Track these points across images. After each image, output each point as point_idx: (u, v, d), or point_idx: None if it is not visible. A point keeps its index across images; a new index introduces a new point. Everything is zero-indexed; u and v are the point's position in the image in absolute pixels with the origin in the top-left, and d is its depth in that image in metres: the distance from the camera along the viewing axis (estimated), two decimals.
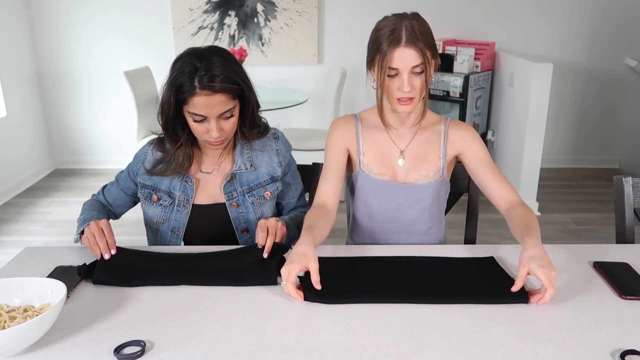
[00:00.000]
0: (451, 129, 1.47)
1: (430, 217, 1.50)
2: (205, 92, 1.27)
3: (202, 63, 1.28)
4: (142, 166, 1.48)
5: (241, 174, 1.45)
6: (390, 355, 0.94)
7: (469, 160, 1.46)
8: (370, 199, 1.49)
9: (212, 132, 1.32)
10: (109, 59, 4.24)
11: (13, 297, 1.04)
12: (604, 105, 4.37)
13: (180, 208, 1.44)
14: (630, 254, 1.32)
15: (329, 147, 1.51)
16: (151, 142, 1.50)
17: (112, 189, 1.54)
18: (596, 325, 1.02)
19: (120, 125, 4.37)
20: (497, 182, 1.41)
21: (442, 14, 4.15)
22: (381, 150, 1.47)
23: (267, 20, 4.18)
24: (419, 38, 1.30)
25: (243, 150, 1.46)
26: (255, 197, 1.46)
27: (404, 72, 1.31)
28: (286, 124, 4.19)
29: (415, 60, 1.30)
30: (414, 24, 1.31)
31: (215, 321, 1.04)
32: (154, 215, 1.47)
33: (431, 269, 1.24)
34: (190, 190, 1.44)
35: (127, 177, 1.52)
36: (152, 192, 1.46)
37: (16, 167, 3.99)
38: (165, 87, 1.33)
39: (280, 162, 1.49)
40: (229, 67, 1.30)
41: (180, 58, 1.32)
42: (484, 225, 3.11)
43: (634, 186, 1.52)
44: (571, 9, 4.13)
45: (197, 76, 1.27)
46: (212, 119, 1.31)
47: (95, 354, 0.94)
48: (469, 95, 3.81)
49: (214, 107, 1.29)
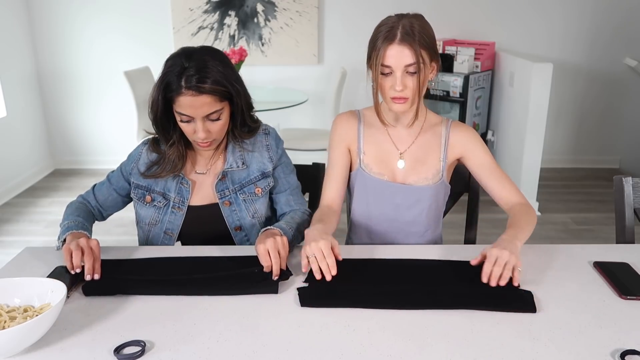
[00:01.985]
0: (452, 131, 1.46)
1: (428, 219, 1.50)
2: (190, 92, 1.26)
3: (191, 63, 1.27)
4: (135, 166, 1.46)
5: (232, 172, 1.44)
6: (391, 355, 0.93)
7: (471, 164, 1.46)
8: (369, 198, 1.49)
9: (198, 133, 1.31)
10: (109, 59, 4.24)
11: (13, 297, 1.04)
12: (604, 105, 4.37)
13: (175, 210, 1.43)
14: (630, 254, 1.32)
15: (332, 147, 1.51)
16: (145, 142, 1.48)
17: (103, 189, 1.50)
18: (596, 325, 1.02)
19: (121, 125, 4.37)
20: (500, 185, 1.42)
21: (442, 14, 4.14)
22: (381, 150, 1.47)
23: (267, 20, 4.18)
24: (414, 38, 1.28)
25: (235, 150, 1.45)
26: (247, 194, 1.45)
27: (397, 70, 1.30)
28: (286, 124, 4.19)
29: (408, 59, 1.29)
30: (413, 22, 1.30)
31: (215, 321, 1.04)
32: (146, 216, 1.45)
33: (432, 274, 1.22)
34: (186, 192, 1.43)
35: (120, 177, 1.49)
36: (146, 192, 1.44)
37: (16, 167, 3.99)
38: (155, 85, 1.32)
39: (270, 157, 1.47)
40: (218, 69, 1.28)
41: (171, 57, 1.32)
42: (484, 225, 3.11)
43: (634, 186, 1.52)
44: (571, 9, 4.13)
45: (185, 76, 1.26)
46: (198, 120, 1.30)
47: (95, 354, 0.94)
48: (469, 95, 3.81)
49: (199, 108, 1.28)
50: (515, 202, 1.40)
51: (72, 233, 1.29)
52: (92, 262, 1.19)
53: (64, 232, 1.31)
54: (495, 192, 1.43)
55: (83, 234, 1.30)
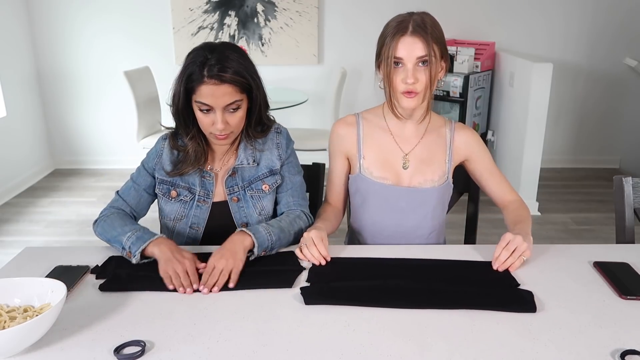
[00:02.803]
0: (456, 133, 1.46)
1: (433, 222, 1.49)
2: (212, 81, 1.28)
3: (213, 55, 1.30)
4: (159, 161, 1.45)
5: (243, 168, 1.45)
6: (391, 355, 0.93)
7: (474, 167, 1.49)
8: (371, 202, 1.48)
9: (217, 124, 1.32)
10: (109, 59, 4.24)
11: (13, 297, 1.04)
12: (604, 105, 4.37)
13: (200, 203, 1.44)
14: (630, 254, 1.32)
15: (331, 154, 1.53)
16: (165, 137, 1.48)
17: (131, 193, 1.46)
18: (596, 325, 1.02)
19: (120, 125, 4.37)
20: (497, 185, 1.50)
21: (442, 14, 4.10)
22: (384, 153, 1.46)
23: (267, 20, 4.18)
24: (427, 30, 1.29)
25: (247, 148, 1.46)
26: (254, 190, 1.45)
27: (409, 63, 1.30)
28: (286, 124, 4.12)
29: (420, 51, 1.29)
30: (424, 18, 1.32)
31: (215, 321, 1.04)
32: (172, 211, 1.45)
33: (434, 273, 1.22)
34: (210, 184, 1.44)
35: (145, 175, 1.47)
36: (171, 187, 1.45)
37: (16, 167, 3.98)
38: (177, 78, 1.34)
39: (279, 155, 1.48)
40: (239, 61, 1.32)
41: (193, 50, 1.34)
42: (484, 225, 3.11)
43: (634, 186, 1.52)
44: (571, 9, 4.13)
45: (207, 66, 1.28)
46: (218, 110, 1.31)
47: (95, 354, 0.94)
48: (469, 95, 3.81)
49: (219, 98, 1.30)
50: (510, 199, 1.49)
51: (154, 242, 1.26)
52: (188, 280, 1.18)
53: (137, 243, 1.26)
54: (492, 192, 1.50)
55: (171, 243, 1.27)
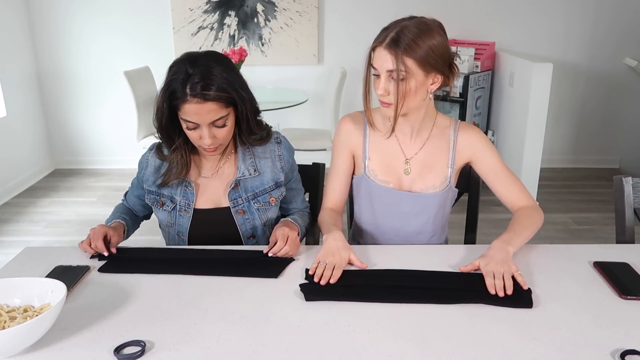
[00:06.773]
0: (460, 134, 1.43)
1: (435, 226, 1.49)
2: (196, 99, 1.26)
3: (196, 69, 1.26)
4: (145, 173, 1.49)
5: (245, 180, 1.45)
6: (391, 355, 0.93)
7: (479, 168, 1.45)
8: (374, 206, 1.47)
9: (205, 139, 1.32)
10: (109, 59, 4.24)
11: (13, 297, 1.04)
12: (604, 105, 4.37)
13: (182, 213, 1.45)
14: (630, 254, 1.32)
15: (335, 150, 1.50)
16: (152, 148, 1.50)
17: (130, 196, 1.58)
18: (596, 325, 1.02)
19: (120, 125, 4.37)
20: (507, 188, 1.43)
21: (442, 14, 4.09)
22: (387, 156, 1.45)
23: (267, 20, 4.18)
24: (400, 46, 1.23)
25: (245, 156, 1.45)
26: (261, 203, 1.46)
27: (382, 74, 1.29)
28: (286, 124, 4.19)
29: (389, 65, 1.26)
30: (409, 30, 1.24)
31: (215, 321, 1.04)
32: (163, 219, 1.49)
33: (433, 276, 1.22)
34: (191, 194, 1.44)
35: (137, 184, 1.54)
36: (157, 197, 1.47)
37: (16, 167, 3.98)
38: (160, 92, 1.32)
39: (282, 167, 1.48)
40: (222, 75, 1.28)
41: (175, 63, 1.31)
42: (484, 225, 3.11)
43: (634, 186, 1.52)
44: (571, 9, 4.13)
45: (190, 83, 1.25)
46: (204, 127, 1.30)
47: (95, 354, 0.94)
48: (469, 95, 3.81)
49: (204, 115, 1.28)
50: (521, 205, 1.40)
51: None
52: (100, 244, 1.31)
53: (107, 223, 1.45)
54: (502, 195, 1.43)
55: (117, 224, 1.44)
